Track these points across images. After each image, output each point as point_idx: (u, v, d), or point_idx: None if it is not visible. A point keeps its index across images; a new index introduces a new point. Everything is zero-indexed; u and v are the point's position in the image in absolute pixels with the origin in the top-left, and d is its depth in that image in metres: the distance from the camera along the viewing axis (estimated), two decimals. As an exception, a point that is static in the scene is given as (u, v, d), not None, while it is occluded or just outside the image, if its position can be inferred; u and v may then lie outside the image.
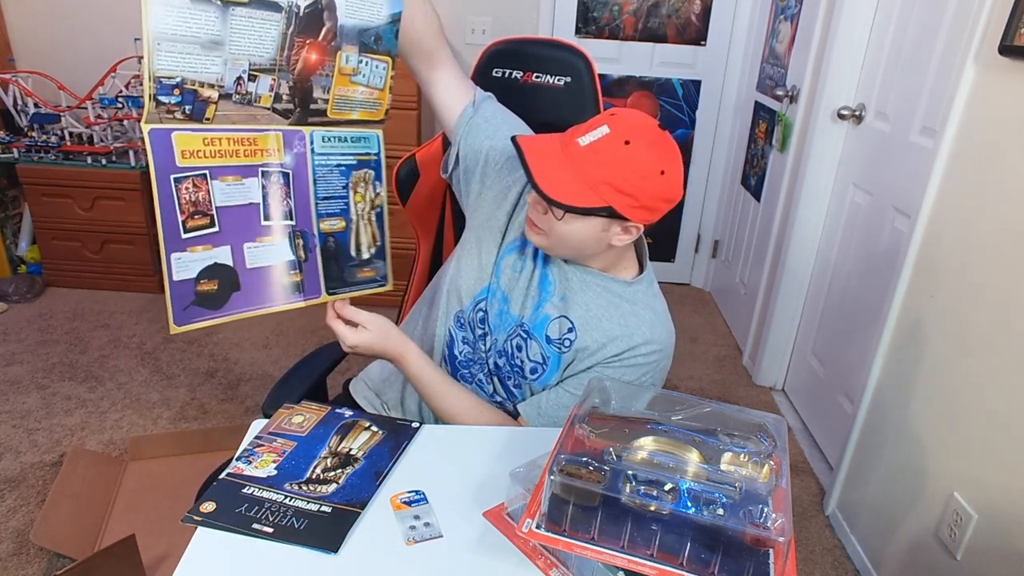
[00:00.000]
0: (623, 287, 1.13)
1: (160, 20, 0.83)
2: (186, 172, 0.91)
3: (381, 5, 1.00)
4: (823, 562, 1.85)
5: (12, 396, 2.33)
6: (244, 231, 0.97)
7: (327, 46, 0.96)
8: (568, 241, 1.05)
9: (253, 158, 0.96)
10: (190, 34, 0.85)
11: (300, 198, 1.02)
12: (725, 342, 3.01)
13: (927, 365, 1.60)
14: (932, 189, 1.62)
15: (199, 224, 0.93)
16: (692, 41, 3.13)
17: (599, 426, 0.89)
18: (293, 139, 0.99)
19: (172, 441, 2.07)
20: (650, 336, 1.11)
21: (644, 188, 0.98)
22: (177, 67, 0.86)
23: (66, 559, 1.66)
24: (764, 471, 0.81)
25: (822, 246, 2.37)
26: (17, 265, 3.17)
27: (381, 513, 0.90)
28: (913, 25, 1.89)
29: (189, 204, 0.92)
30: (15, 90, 2.90)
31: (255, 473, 0.94)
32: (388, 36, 1.02)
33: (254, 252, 0.99)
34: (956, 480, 1.46)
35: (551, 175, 0.98)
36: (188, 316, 0.96)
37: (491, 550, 0.85)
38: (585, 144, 0.98)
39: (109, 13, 3.06)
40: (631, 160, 0.97)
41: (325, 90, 0.99)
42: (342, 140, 1.05)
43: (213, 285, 0.96)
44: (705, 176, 3.37)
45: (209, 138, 0.92)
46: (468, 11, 3.04)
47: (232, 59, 0.89)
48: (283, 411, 1.08)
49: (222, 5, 0.86)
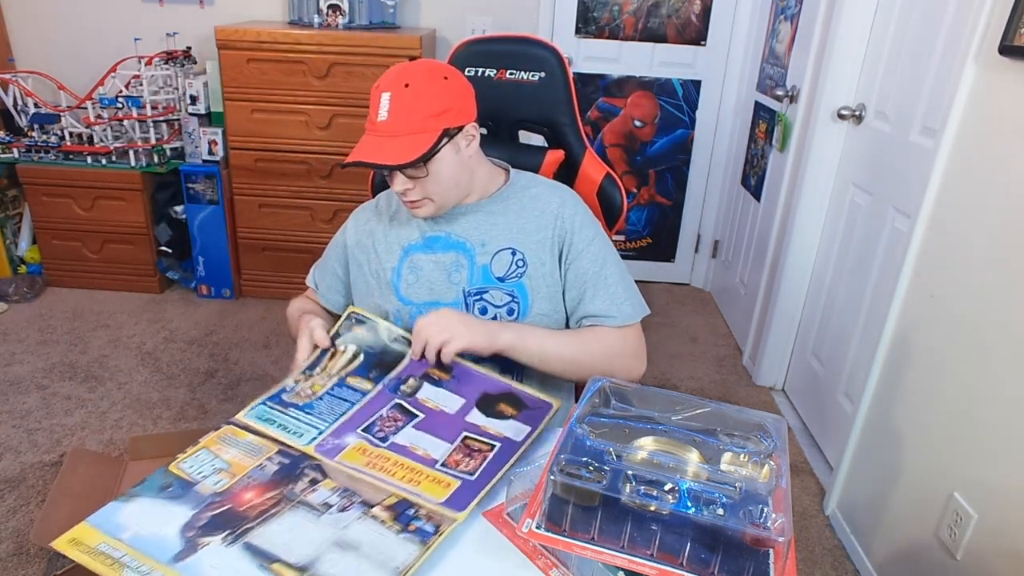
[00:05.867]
0: (509, 190, 1.25)
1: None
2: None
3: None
4: (823, 562, 1.85)
5: (12, 396, 2.33)
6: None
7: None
8: (446, 183, 1.16)
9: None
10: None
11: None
12: (725, 342, 3.01)
13: (927, 365, 1.60)
14: (932, 189, 1.61)
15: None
16: (692, 41, 3.13)
17: (599, 426, 0.89)
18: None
19: (172, 441, 2.06)
20: (562, 196, 1.24)
21: (446, 98, 1.12)
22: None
23: (66, 559, 1.65)
24: (764, 471, 0.81)
25: (822, 246, 2.37)
26: (17, 265, 3.17)
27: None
28: (913, 25, 1.89)
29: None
30: (15, 90, 2.90)
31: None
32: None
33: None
34: (956, 480, 1.46)
35: (391, 153, 1.09)
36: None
37: (491, 550, 0.85)
38: (385, 116, 1.10)
39: (109, 13, 3.06)
40: (421, 92, 1.11)
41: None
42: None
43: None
44: (705, 176, 3.37)
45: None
46: (468, 11, 3.04)
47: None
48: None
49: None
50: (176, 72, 2.88)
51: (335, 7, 2.83)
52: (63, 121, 2.92)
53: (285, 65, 2.72)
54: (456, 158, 1.15)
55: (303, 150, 2.86)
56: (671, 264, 3.56)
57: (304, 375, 1.10)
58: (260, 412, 1.03)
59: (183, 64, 2.89)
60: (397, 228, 1.27)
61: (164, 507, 0.86)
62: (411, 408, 1.05)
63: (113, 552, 0.80)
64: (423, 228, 1.24)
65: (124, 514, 0.85)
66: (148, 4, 3.04)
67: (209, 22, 2.88)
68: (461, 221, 1.23)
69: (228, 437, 0.99)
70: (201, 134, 2.87)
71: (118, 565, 0.78)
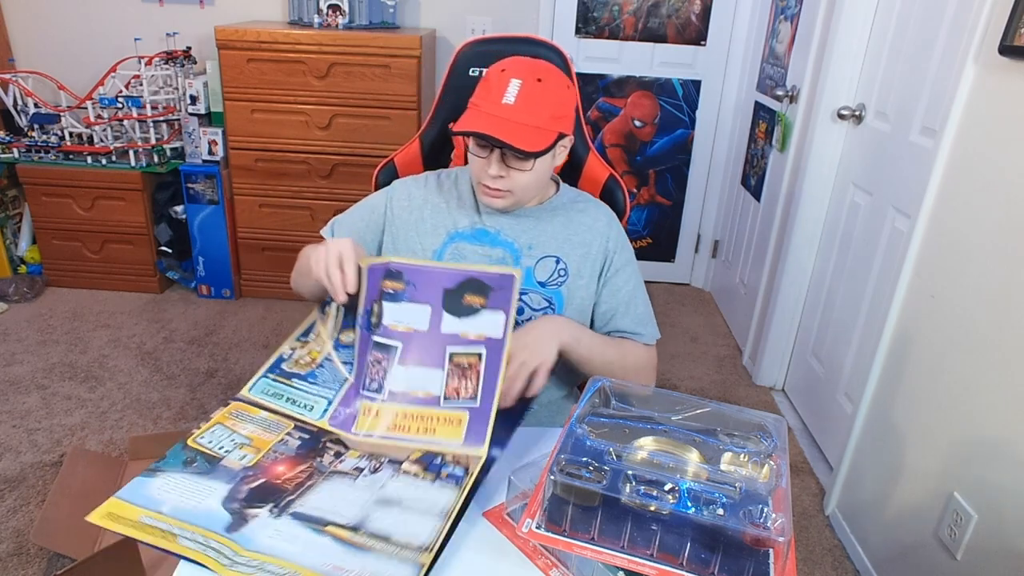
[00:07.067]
0: (558, 200, 1.28)
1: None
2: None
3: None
4: (823, 562, 1.85)
5: (12, 396, 2.33)
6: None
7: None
8: (533, 185, 1.18)
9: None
10: None
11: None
12: (725, 342, 3.01)
13: (927, 365, 1.60)
14: (932, 189, 1.61)
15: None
16: (692, 41, 3.13)
17: (599, 426, 0.89)
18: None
19: (172, 441, 2.04)
20: (608, 215, 1.29)
21: (567, 105, 1.17)
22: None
23: (66, 559, 1.66)
24: (764, 471, 0.81)
25: (822, 246, 2.37)
26: (17, 265, 3.17)
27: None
28: (913, 25, 1.89)
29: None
30: (15, 90, 2.90)
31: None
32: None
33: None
34: (956, 480, 1.46)
35: (514, 137, 1.08)
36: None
37: (491, 550, 0.86)
38: (512, 101, 1.10)
39: (109, 13, 3.06)
40: (551, 92, 1.13)
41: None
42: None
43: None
44: (705, 176, 3.37)
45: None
46: (468, 11, 3.04)
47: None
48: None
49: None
50: (176, 72, 2.88)
51: (335, 7, 2.83)
52: (63, 121, 2.92)
53: (285, 65, 2.72)
54: (549, 163, 1.19)
55: (303, 150, 2.86)
56: (671, 264, 3.56)
57: (300, 342, 1.09)
58: (264, 386, 1.03)
59: (183, 64, 2.89)
60: (449, 212, 1.26)
61: (197, 482, 0.86)
62: (386, 341, 1.03)
63: (159, 524, 0.79)
64: (474, 220, 1.25)
65: (155, 488, 0.84)
66: (148, 4, 3.04)
67: (209, 22, 2.88)
68: (514, 222, 1.24)
69: (240, 413, 0.99)
70: (201, 134, 2.87)
71: (170, 535, 0.77)
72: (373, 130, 2.80)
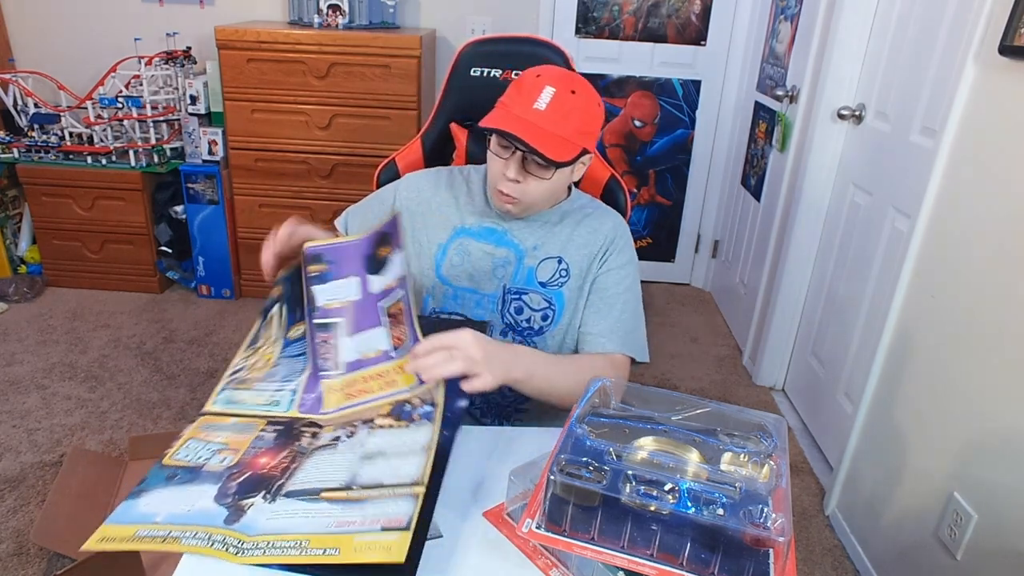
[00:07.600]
0: (568, 205, 1.28)
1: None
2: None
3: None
4: (823, 562, 1.85)
5: (12, 396, 2.33)
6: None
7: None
8: (548, 196, 1.18)
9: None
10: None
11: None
12: (725, 342, 3.01)
13: (927, 365, 1.60)
14: (932, 189, 1.61)
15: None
16: (692, 41, 3.13)
17: (599, 426, 0.89)
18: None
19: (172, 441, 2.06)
20: (615, 220, 1.28)
21: (596, 123, 1.16)
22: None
23: (66, 559, 1.66)
24: (764, 471, 0.81)
25: (822, 246, 2.37)
26: (17, 265, 3.17)
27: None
28: (913, 25, 1.89)
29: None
30: (15, 90, 2.90)
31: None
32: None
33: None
34: (956, 480, 1.46)
35: (541, 143, 1.07)
36: None
37: (491, 550, 0.85)
38: (544, 108, 1.09)
39: (109, 13, 3.06)
40: (582, 106, 1.12)
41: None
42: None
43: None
44: (705, 176, 3.37)
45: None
46: (468, 11, 3.04)
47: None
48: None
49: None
50: (176, 72, 2.88)
51: (335, 7, 2.83)
52: (63, 121, 2.92)
53: (285, 65, 2.72)
54: (567, 177, 1.19)
55: (303, 150, 2.86)
56: (671, 264, 3.57)
57: (251, 350, 1.11)
58: (227, 397, 1.04)
59: (183, 64, 2.89)
60: (458, 208, 1.26)
61: (184, 490, 0.85)
62: (327, 321, 1.04)
63: (157, 533, 0.78)
64: (484, 218, 1.25)
65: (143, 506, 0.83)
66: (148, 4, 3.04)
67: (209, 22, 2.88)
68: (523, 224, 1.24)
69: (210, 425, 0.99)
70: (201, 134, 2.87)
71: (171, 539, 0.77)
72: (373, 130, 2.80)
